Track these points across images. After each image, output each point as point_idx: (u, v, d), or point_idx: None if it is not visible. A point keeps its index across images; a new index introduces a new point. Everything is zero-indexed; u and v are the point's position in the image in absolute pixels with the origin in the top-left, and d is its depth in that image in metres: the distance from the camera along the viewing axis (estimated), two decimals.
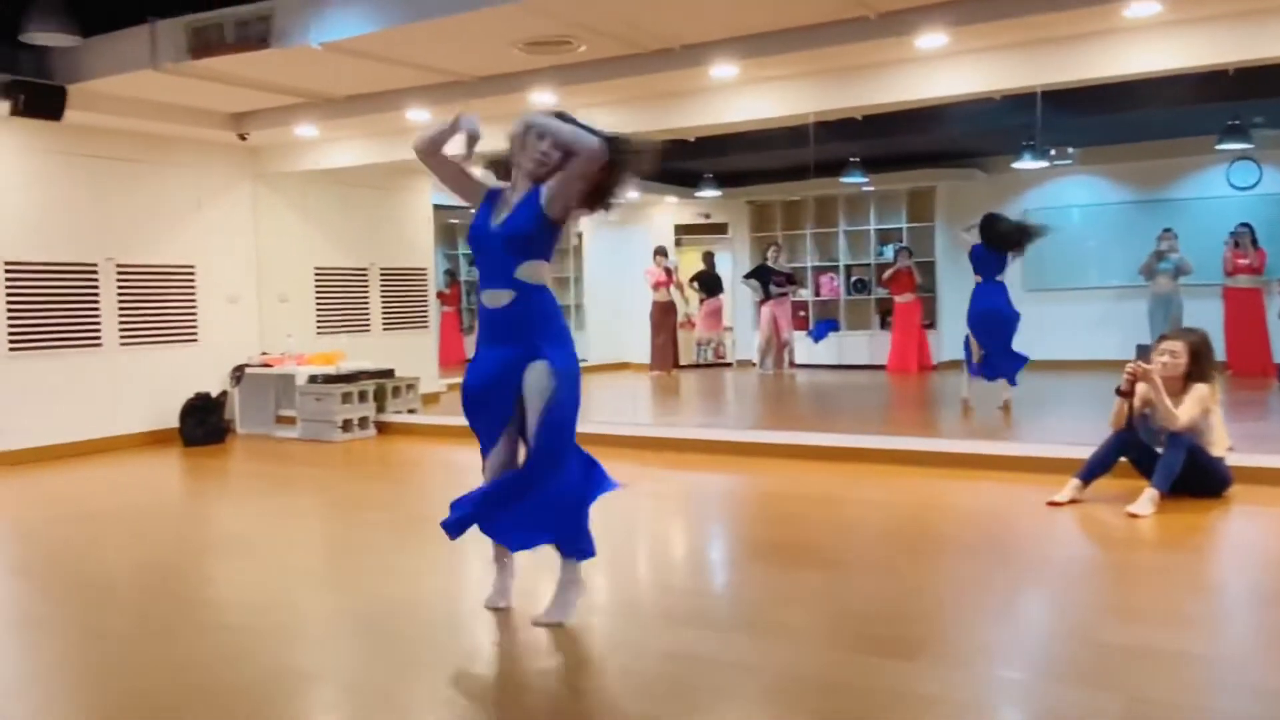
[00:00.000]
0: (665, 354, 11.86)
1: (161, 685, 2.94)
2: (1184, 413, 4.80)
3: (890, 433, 6.82)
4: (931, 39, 5.60)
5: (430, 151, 3.44)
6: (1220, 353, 7.24)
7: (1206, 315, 8.58)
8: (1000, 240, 7.88)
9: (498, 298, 3.22)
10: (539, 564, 3.62)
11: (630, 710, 2.71)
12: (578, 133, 3.25)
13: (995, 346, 7.79)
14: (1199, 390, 4.86)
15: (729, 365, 12.54)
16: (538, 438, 3.24)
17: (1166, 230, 9.52)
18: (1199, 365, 4.92)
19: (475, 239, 3.30)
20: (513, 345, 3.23)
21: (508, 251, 3.20)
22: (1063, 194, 10.96)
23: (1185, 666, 2.89)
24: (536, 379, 3.20)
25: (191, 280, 8.28)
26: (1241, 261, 9.52)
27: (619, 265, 12.88)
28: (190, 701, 2.80)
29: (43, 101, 6.60)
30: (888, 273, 10.95)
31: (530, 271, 3.23)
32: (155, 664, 3.12)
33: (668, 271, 11.89)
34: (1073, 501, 5.00)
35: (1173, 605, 3.46)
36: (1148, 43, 5.46)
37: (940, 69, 6.01)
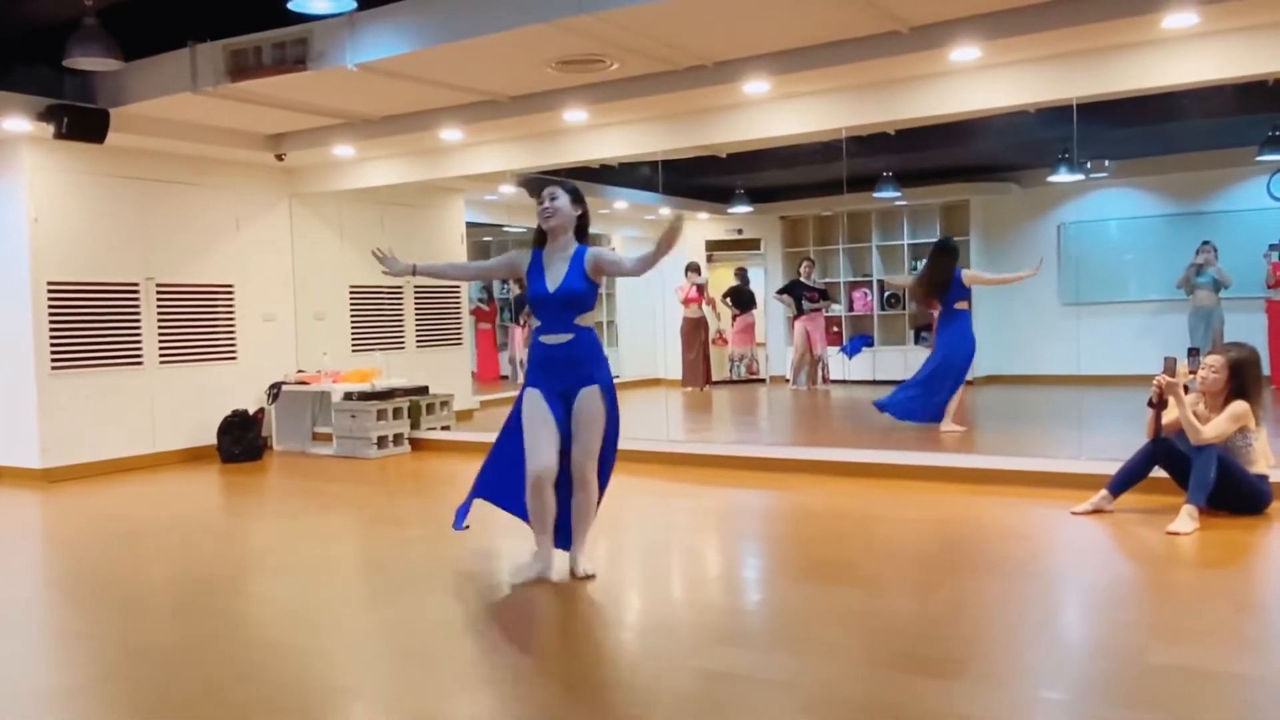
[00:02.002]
0: (697, 370, 11.84)
1: (200, 702, 2.96)
2: (1211, 428, 4.73)
3: (925, 449, 6.76)
4: (964, 52, 5.58)
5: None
6: (1266, 367, 7.13)
7: (1249, 329, 8.45)
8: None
9: (558, 339, 3.99)
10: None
11: None
12: (621, 262, 4.12)
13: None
14: (1235, 407, 4.79)
15: (762, 381, 12.50)
16: (595, 449, 4.07)
17: (1205, 243, 9.39)
18: (1240, 382, 4.84)
19: (535, 300, 4.02)
20: (567, 376, 4.00)
21: (565, 307, 3.97)
22: (1099, 207, 10.86)
23: (1234, 688, 2.83)
24: (592, 400, 3.99)
25: (230, 299, 8.38)
26: None
27: (651, 281, 12.85)
28: (227, 717, 2.82)
29: (85, 124, 6.72)
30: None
31: (583, 319, 4.03)
32: (194, 680, 3.15)
33: (699, 288, 11.88)
34: (1097, 512, 4.96)
35: (1219, 625, 3.39)
36: (1185, 53, 5.40)
37: (973, 82, 5.97)
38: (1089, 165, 9.81)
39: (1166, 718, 2.61)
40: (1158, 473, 5.02)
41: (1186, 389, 4.91)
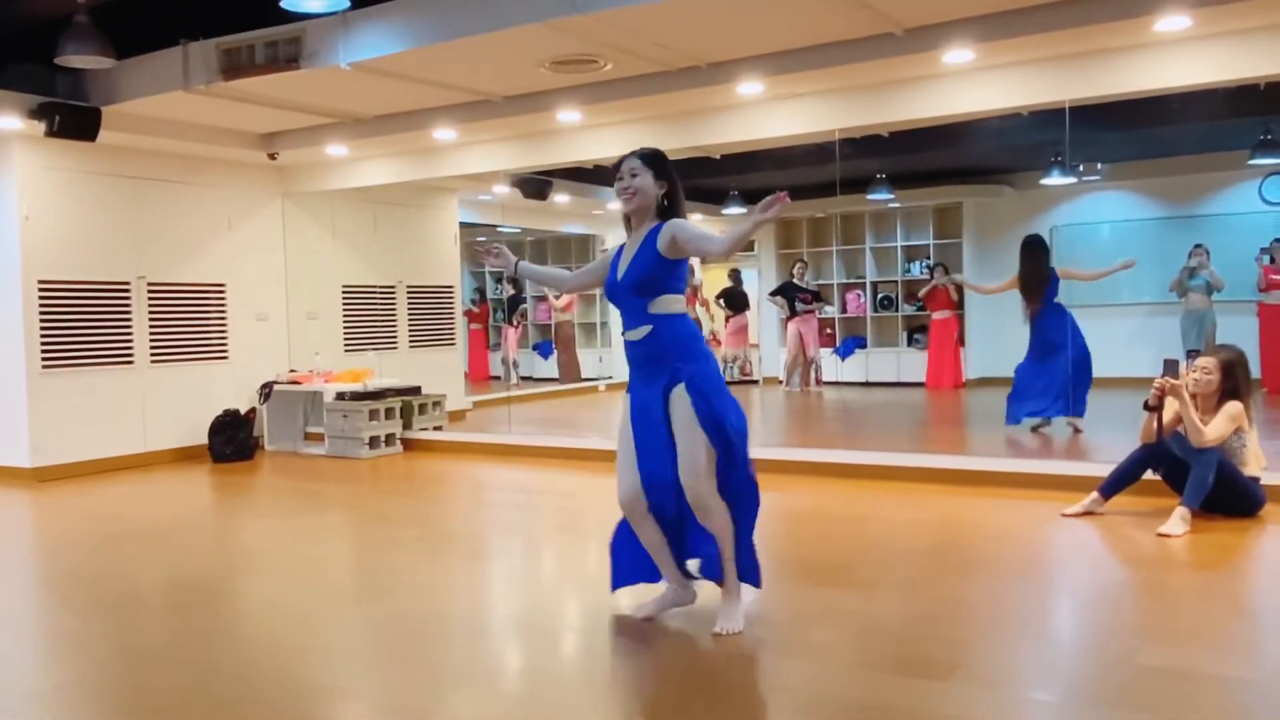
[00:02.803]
0: None
1: (191, 701, 2.94)
2: (1212, 429, 4.74)
3: (918, 450, 6.77)
4: (958, 55, 5.58)
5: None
6: (1255, 370, 7.14)
7: (1241, 332, 8.47)
8: None
9: (638, 333, 3.38)
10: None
11: None
12: (706, 237, 3.34)
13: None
14: (1231, 408, 4.81)
15: (755, 382, 12.50)
16: (700, 464, 3.37)
17: (1197, 246, 9.41)
18: (1233, 382, 4.86)
19: (610, 294, 3.48)
20: (654, 372, 3.37)
21: (636, 295, 3.35)
22: (1092, 210, 10.88)
23: (1225, 690, 2.83)
24: (681, 405, 3.33)
25: (222, 298, 8.36)
26: (1275, 277, 9.39)
27: None
28: (219, 717, 2.81)
29: (77, 122, 6.70)
30: (924, 290, 10.90)
31: (663, 305, 3.35)
32: (185, 680, 3.13)
33: (693, 289, 11.88)
34: (1088, 514, 4.97)
35: (1209, 627, 3.39)
36: (1178, 57, 5.41)
37: (967, 85, 5.98)
38: (1081, 168, 9.82)
39: (1156, 719, 2.61)
40: (1150, 475, 5.03)
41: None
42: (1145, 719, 2.61)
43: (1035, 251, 7.83)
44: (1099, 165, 10.05)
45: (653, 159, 3.40)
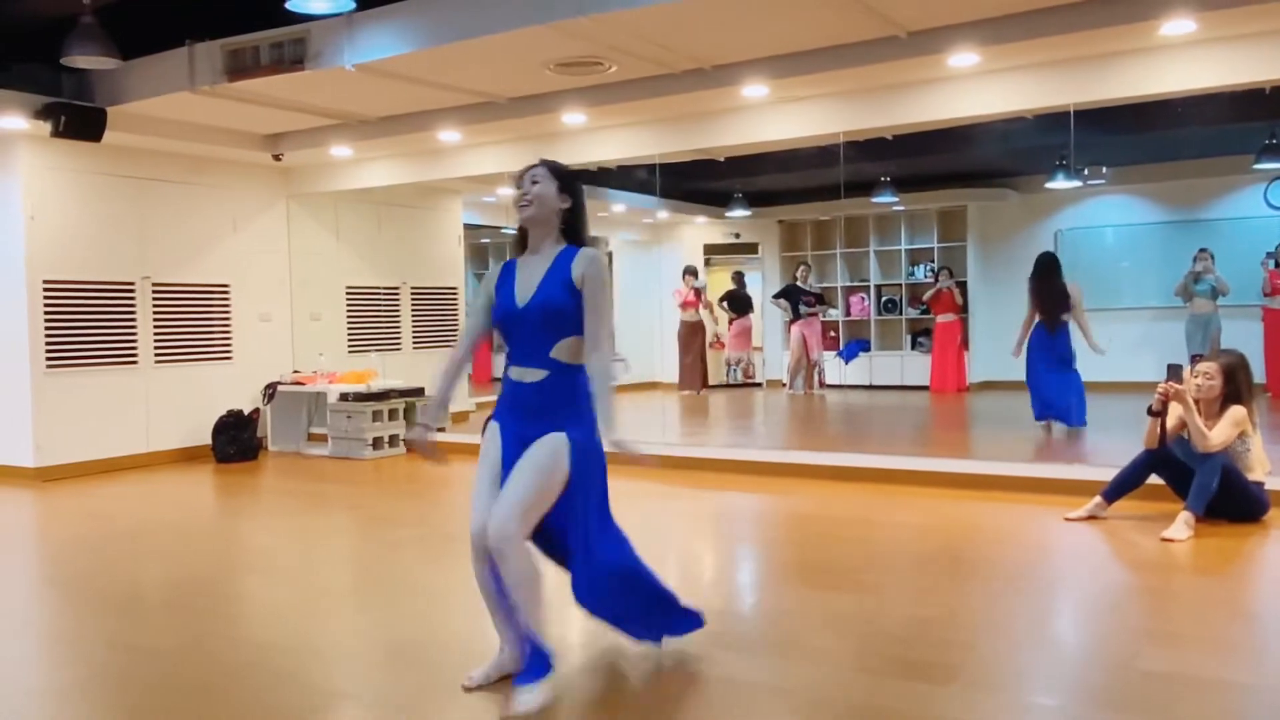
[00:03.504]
0: (694, 373, 11.85)
1: (193, 702, 2.95)
2: (1216, 434, 4.73)
3: (921, 454, 6.76)
4: (963, 58, 5.58)
5: None
6: (1259, 375, 7.13)
7: (1245, 336, 8.46)
8: None
9: (528, 374, 2.92)
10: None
11: None
12: (601, 326, 2.94)
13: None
14: (1234, 412, 4.80)
15: (758, 385, 12.50)
16: (520, 502, 2.88)
17: (1202, 250, 9.39)
18: (1235, 387, 4.85)
19: (503, 321, 2.96)
20: (535, 425, 2.92)
21: (540, 328, 2.89)
22: (1096, 214, 10.87)
23: (1227, 695, 2.83)
24: (547, 447, 2.90)
25: (226, 299, 8.37)
26: None
27: (649, 285, 12.89)
28: (216, 715, 2.81)
29: (83, 123, 6.71)
30: (929, 293, 10.89)
31: (567, 350, 2.91)
32: (187, 680, 3.14)
33: (696, 292, 11.88)
34: (1091, 518, 4.97)
35: (1212, 632, 3.38)
36: (1183, 61, 5.41)
37: (972, 88, 5.98)
38: (1086, 172, 9.82)
39: None
40: (1154, 480, 5.02)
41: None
42: None
43: (1048, 272, 7.92)
44: (1104, 169, 10.05)
45: (558, 170, 3.00)
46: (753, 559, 4.87)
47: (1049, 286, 7.87)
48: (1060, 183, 10.04)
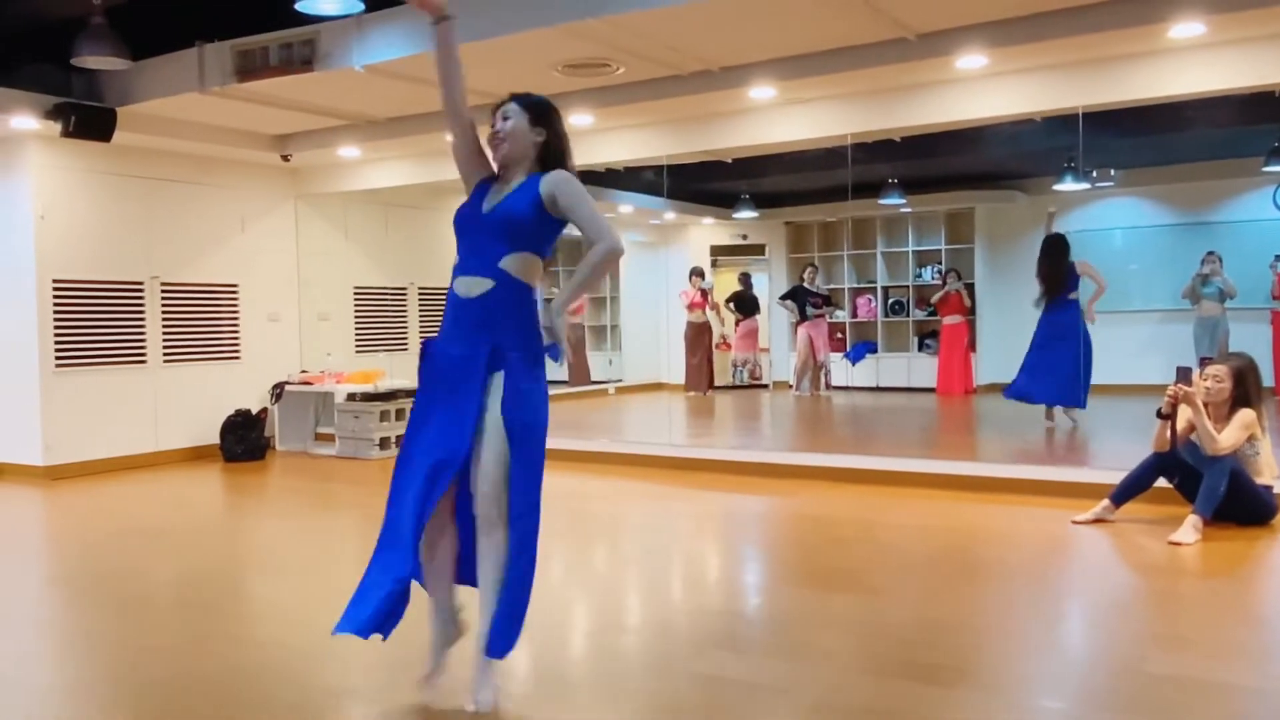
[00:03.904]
0: (700, 374, 11.85)
1: (200, 701, 2.96)
2: (1225, 437, 4.72)
3: (927, 456, 6.75)
4: (971, 60, 5.58)
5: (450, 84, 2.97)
6: (1268, 378, 7.11)
7: (1253, 339, 8.43)
8: None
9: (474, 285, 2.75)
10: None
11: None
12: (592, 265, 2.74)
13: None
14: (1243, 415, 4.79)
15: (765, 386, 12.49)
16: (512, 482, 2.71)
17: (1210, 253, 9.38)
18: (1244, 390, 4.85)
19: (461, 222, 2.86)
20: (476, 342, 2.72)
21: (495, 236, 2.76)
22: (1104, 216, 10.84)
23: (1234, 699, 2.82)
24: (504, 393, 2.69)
25: (235, 299, 8.40)
26: None
27: (655, 285, 12.89)
28: (223, 714, 2.82)
29: (93, 123, 6.74)
30: (937, 295, 10.88)
31: (519, 264, 2.75)
32: (194, 679, 3.15)
33: (703, 293, 11.89)
34: (1098, 521, 4.96)
35: (1220, 636, 3.38)
36: (1192, 63, 5.40)
37: (980, 90, 5.98)
38: (1094, 174, 9.79)
39: None
40: (1162, 483, 5.02)
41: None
42: None
43: (1052, 251, 8.02)
44: (1112, 171, 10.03)
45: (529, 102, 2.86)
46: (758, 560, 4.87)
47: (1054, 266, 7.96)
48: (1069, 185, 10.02)
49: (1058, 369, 7.81)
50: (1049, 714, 2.79)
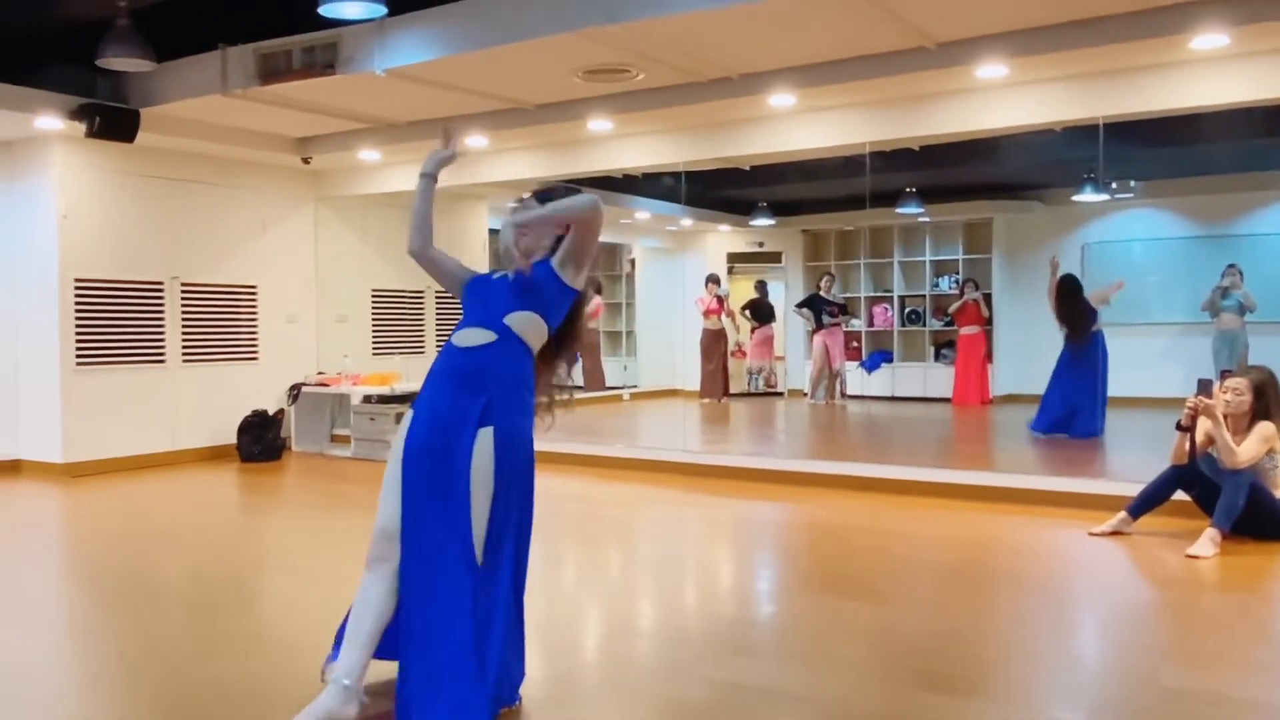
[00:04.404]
0: (715, 381, 11.84)
1: (215, 699, 2.98)
2: (1245, 450, 4.69)
3: (942, 465, 6.72)
4: (991, 69, 5.57)
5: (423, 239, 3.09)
6: None
7: (1273, 353, 8.35)
8: None
9: (473, 336, 2.72)
10: None
11: None
12: (560, 204, 2.82)
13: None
14: (1263, 428, 4.76)
15: (780, 394, 12.47)
16: (502, 539, 2.67)
17: (1231, 266, 9.31)
18: (1264, 403, 4.82)
19: (473, 285, 2.88)
20: (467, 396, 2.66)
21: (507, 294, 2.75)
22: (1124, 228, 10.79)
23: (1249, 714, 2.80)
24: (480, 450, 2.63)
25: (253, 300, 8.45)
26: None
27: (671, 292, 12.90)
28: (237, 713, 2.83)
29: (117, 124, 6.80)
30: (954, 305, 10.85)
31: (525, 323, 2.74)
32: (209, 677, 3.17)
33: (719, 299, 11.89)
34: (1115, 534, 4.93)
35: (1237, 650, 3.36)
36: (1215, 75, 5.37)
37: (1000, 100, 5.96)
38: (1114, 185, 9.74)
39: None
40: (1180, 496, 4.98)
41: None
42: None
43: (1065, 293, 8.28)
44: (1132, 183, 9.97)
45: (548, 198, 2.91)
46: (771, 567, 4.86)
47: (1073, 309, 8.21)
48: (1088, 196, 9.97)
49: (1078, 400, 8.04)
50: None
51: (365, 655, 2.64)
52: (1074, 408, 8.08)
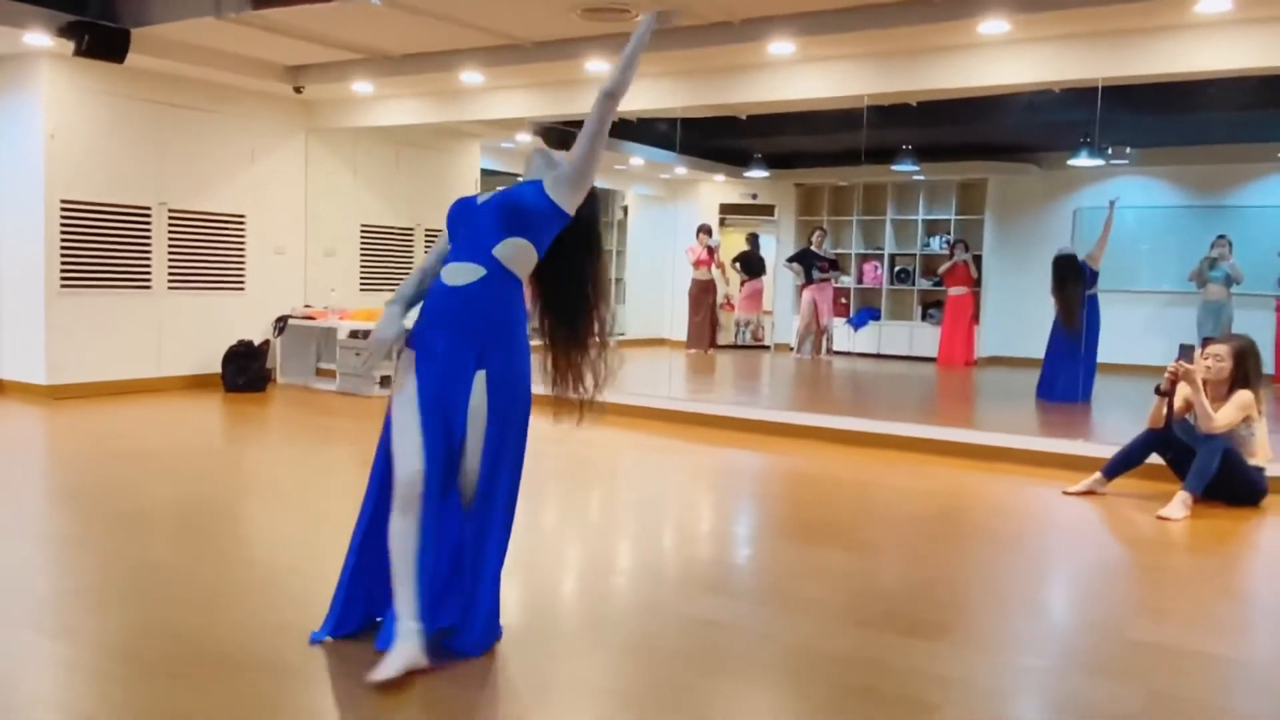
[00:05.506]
0: (703, 332, 11.87)
1: (199, 612, 3.01)
2: (1222, 415, 4.75)
3: (924, 422, 6.78)
4: (994, 25, 5.52)
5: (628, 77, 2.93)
6: (1269, 365, 7.13)
7: (1257, 326, 8.43)
8: None
9: (462, 273, 2.64)
10: None
11: (650, 671, 2.74)
12: (630, 45, 2.88)
13: None
14: (1241, 396, 4.81)
15: (766, 348, 12.51)
16: (495, 479, 2.69)
17: (1220, 237, 9.35)
18: (1244, 371, 4.86)
19: (456, 213, 2.76)
20: (461, 335, 2.64)
21: (493, 221, 2.66)
22: (1117, 194, 10.78)
23: (1210, 667, 2.87)
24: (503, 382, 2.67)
25: (241, 229, 8.39)
26: None
27: (662, 241, 12.87)
28: (216, 629, 2.87)
29: (106, 43, 6.68)
30: (944, 266, 10.86)
31: (513, 252, 2.65)
32: (193, 592, 3.20)
33: (709, 250, 11.87)
34: (1089, 493, 5.00)
35: (1201, 608, 3.43)
36: (1217, 40, 5.35)
37: (1001, 56, 5.93)
38: (1110, 151, 9.73)
39: (1141, 690, 2.65)
40: (1154, 460, 5.05)
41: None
42: (1131, 689, 2.65)
43: (1070, 271, 8.22)
44: (1128, 149, 9.96)
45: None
46: (750, 513, 4.92)
47: (1064, 291, 8.23)
48: (1083, 160, 9.95)
49: (1073, 368, 8.08)
50: (1028, 671, 2.84)
51: (417, 591, 2.61)
52: (1057, 371, 8.16)
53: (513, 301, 2.69)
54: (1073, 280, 8.17)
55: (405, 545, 2.59)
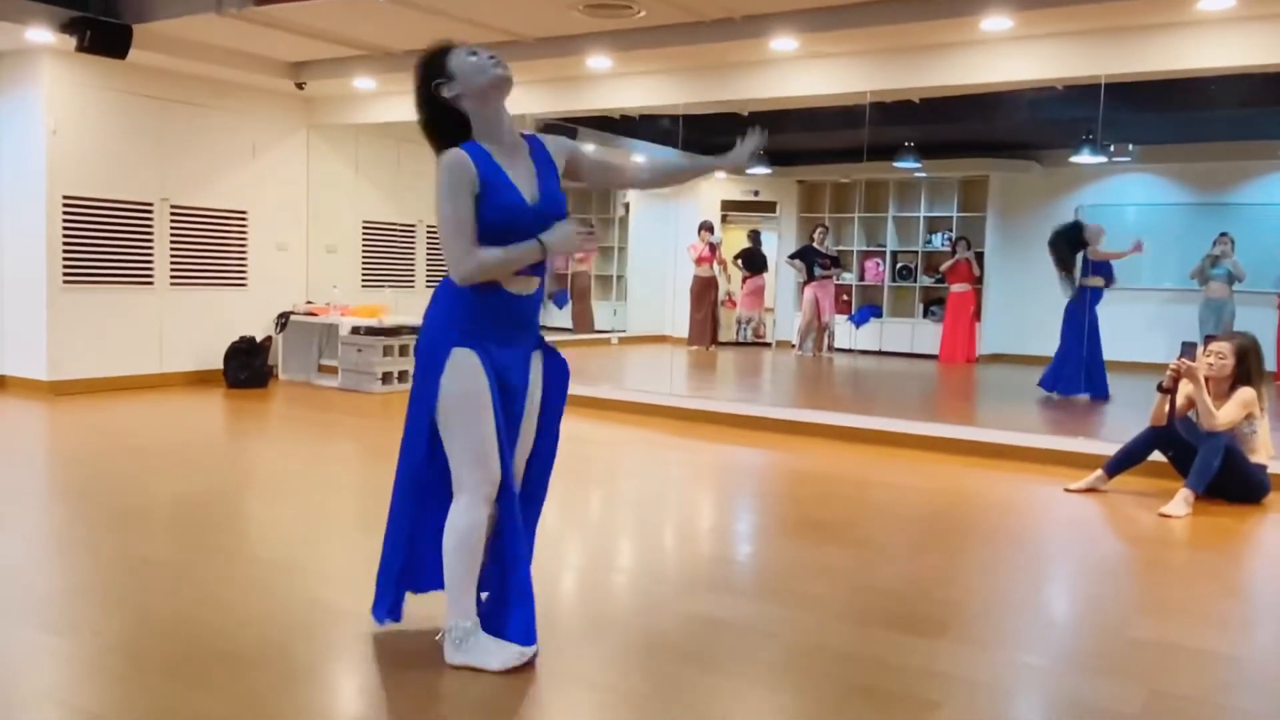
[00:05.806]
0: (704, 329, 11.86)
1: (195, 610, 3.01)
2: (1224, 413, 4.75)
3: (926, 419, 6.78)
4: (997, 21, 5.52)
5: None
6: (1271, 362, 7.13)
7: (1259, 323, 8.42)
8: None
9: (526, 285, 2.64)
10: None
11: (650, 668, 2.74)
12: (622, 169, 3.12)
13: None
14: (1243, 394, 4.81)
15: (768, 345, 12.51)
16: (544, 457, 2.87)
17: (1223, 234, 9.34)
18: (1246, 368, 4.86)
19: (515, 218, 2.54)
20: (524, 341, 2.72)
21: (543, 229, 2.59)
22: (1120, 192, 10.79)
23: (1210, 665, 2.87)
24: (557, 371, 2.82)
25: (244, 225, 8.39)
26: None
27: (664, 238, 12.86)
28: (217, 624, 2.87)
29: (108, 39, 6.68)
30: (946, 264, 10.86)
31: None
32: (193, 590, 3.20)
33: (711, 247, 11.86)
34: (1091, 491, 5.00)
35: (1202, 605, 3.42)
36: (1219, 38, 5.34)
37: (1003, 54, 5.92)
38: (1112, 148, 9.73)
39: (1141, 688, 2.65)
40: (1156, 457, 5.05)
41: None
42: (1131, 687, 2.65)
43: (1056, 241, 8.27)
44: (1130, 146, 9.96)
45: None
46: (752, 510, 4.92)
47: (1059, 254, 8.21)
48: (1085, 157, 9.95)
49: (1073, 359, 8.09)
50: (1030, 669, 2.84)
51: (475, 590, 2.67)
52: (1063, 364, 8.14)
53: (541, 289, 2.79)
54: (1067, 245, 8.20)
55: (478, 543, 2.63)
